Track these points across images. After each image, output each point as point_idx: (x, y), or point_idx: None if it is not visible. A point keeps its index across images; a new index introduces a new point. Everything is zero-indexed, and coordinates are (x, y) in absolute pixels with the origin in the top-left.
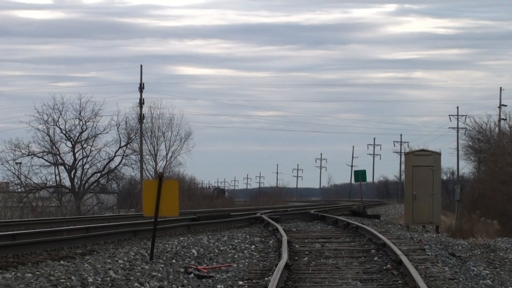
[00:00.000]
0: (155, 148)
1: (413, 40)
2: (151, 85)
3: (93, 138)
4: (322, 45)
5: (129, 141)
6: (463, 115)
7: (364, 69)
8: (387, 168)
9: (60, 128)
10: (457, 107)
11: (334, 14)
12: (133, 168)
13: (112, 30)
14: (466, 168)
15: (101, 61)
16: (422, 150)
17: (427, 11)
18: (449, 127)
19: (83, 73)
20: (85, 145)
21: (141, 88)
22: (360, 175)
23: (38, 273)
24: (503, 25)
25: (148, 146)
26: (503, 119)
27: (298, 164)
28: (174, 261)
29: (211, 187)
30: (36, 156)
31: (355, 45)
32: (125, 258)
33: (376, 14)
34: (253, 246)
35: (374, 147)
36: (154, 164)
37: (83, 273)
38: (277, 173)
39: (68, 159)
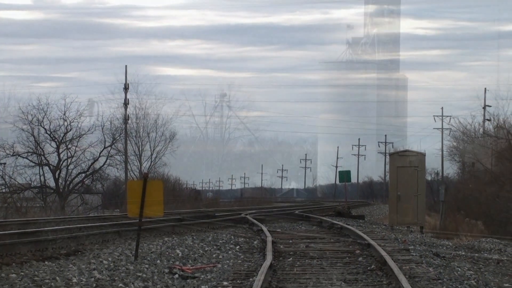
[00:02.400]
0: (140, 149)
1: None
2: (132, 85)
3: (78, 138)
4: (303, 45)
5: (114, 141)
6: (447, 116)
7: (345, 69)
8: (372, 169)
9: (45, 129)
10: (442, 108)
11: (314, 14)
12: (117, 168)
13: (92, 31)
14: (451, 168)
15: (82, 61)
16: (407, 150)
17: (406, 12)
18: (433, 128)
19: (64, 73)
20: (69, 146)
21: (126, 88)
22: (345, 175)
23: (22, 273)
24: (483, 26)
25: (132, 147)
26: (487, 119)
27: (282, 165)
28: (158, 261)
29: (187, 188)
30: (21, 157)
31: (336, 46)
32: (110, 259)
33: (355, 15)
34: (237, 247)
35: (358, 147)
36: (138, 164)
37: (68, 273)
38: (261, 173)
39: (53, 159)
